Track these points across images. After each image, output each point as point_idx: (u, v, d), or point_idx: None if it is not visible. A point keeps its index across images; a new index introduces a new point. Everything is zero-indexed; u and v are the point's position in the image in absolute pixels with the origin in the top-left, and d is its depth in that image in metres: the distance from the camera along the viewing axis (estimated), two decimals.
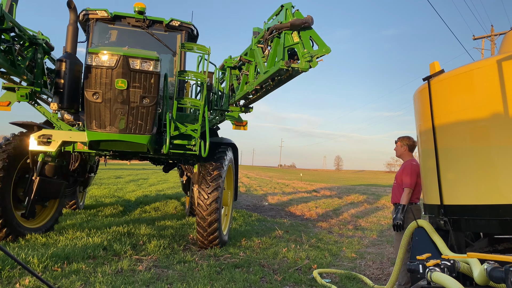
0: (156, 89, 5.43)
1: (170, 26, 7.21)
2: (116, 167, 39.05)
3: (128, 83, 5.24)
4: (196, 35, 7.68)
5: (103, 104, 5.30)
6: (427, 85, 3.42)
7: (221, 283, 4.73)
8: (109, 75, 5.24)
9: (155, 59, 5.36)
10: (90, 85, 5.28)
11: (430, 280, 2.51)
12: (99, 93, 5.26)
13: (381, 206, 15.59)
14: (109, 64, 5.23)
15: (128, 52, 5.29)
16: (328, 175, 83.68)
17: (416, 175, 4.61)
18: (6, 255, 3.05)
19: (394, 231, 4.56)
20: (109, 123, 5.35)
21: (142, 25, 7.09)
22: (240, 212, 11.18)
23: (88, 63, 5.26)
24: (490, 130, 2.92)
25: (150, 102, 5.41)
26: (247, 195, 18.36)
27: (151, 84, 5.38)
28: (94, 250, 5.73)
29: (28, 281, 4.29)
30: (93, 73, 5.25)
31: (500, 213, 2.80)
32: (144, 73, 5.33)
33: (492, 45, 28.43)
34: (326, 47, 5.01)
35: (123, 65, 5.23)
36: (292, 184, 29.62)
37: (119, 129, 5.37)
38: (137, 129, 5.43)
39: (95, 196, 13.16)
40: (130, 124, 5.39)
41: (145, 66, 5.32)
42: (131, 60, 5.27)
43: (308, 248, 7.14)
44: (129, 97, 5.31)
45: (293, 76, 5.57)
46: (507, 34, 3.38)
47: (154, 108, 5.49)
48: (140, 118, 5.43)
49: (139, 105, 5.36)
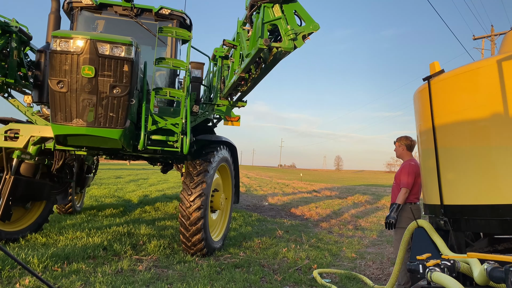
0: (129, 77, 4.90)
1: (160, 15, 6.69)
2: (116, 167, 39.07)
3: (96, 70, 4.72)
4: (189, 24, 7.12)
5: (68, 94, 4.76)
6: (427, 85, 3.42)
7: (221, 283, 4.73)
8: (75, 62, 4.71)
9: (127, 44, 4.85)
10: (54, 72, 4.74)
11: (430, 280, 2.51)
12: (64, 82, 4.74)
13: (381, 206, 15.60)
14: (75, 49, 4.70)
15: (96, 36, 4.81)
16: (328, 175, 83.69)
17: (414, 175, 4.61)
18: (6, 255, 3.05)
19: (386, 228, 4.57)
20: (76, 116, 4.82)
21: (130, 13, 6.57)
22: (240, 212, 11.18)
23: (52, 48, 4.72)
24: (490, 130, 2.92)
25: (121, 92, 4.87)
26: (247, 195, 18.36)
27: (123, 72, 4.85)
28: (94, 250, 5.73)
29: (28, 281, 4.29)
30: (57, 59, 4.72)
31: (500, 213, 2.80)
32: (115, 59, 4.80)
33: (492, 45, 28.44)
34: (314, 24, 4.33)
35: (91, 50, 4.71)
36: (292, 184, 29.62)
37: (87, 122, 4.83)
38: (108, 123, 4.89)
39: (95, 196, 13.15)
40: (99, 116, 4.86)
41: (116, 51, 4.81)
42: (100, 44, 4.75)
43: (308, 248, 7.14)
44: (97, 86, 4.78)
45: (278, 59, 4.89)
46: (507, 34, 3.38)
47: (127, 99, 4.94)
48: (111, 110, 4.87)
49: (109, 95, 4.82)
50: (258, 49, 4.40)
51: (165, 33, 5.77)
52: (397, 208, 4.53)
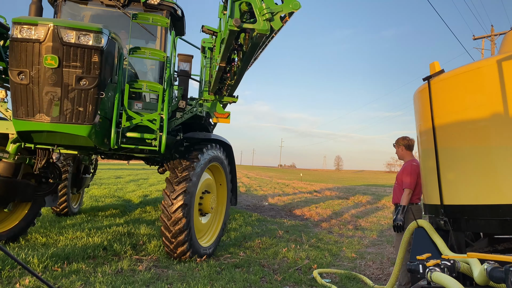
0: (98, 68, 4.51)
1: (149, 5, 6.23)
2: (116, 167, 39.06)
3: (60, 60, 4.34)
4: (180, 15, 6.65)
5: (30, 87, 4.37)
6: (427, 85, 3.43)
7: (221, 283, 4.73)
8: (37, 51, 4.33)
9: (95, 31, 4.47)
10: (14, 63, 4.38)
11: (430, 280, 2.51)
12: (25, 73, 4.35)
13: (381, 206, 15.60)
14: (37, 37, 4.32)
15: (61, 22, 4.42)
16: (328, 175, 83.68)
17: (416, 175, 4.61)
18: (6, 255, 3.05)
19: (394, 232, 4.57)
20: (39, 110, 4.41)
21: (117, 4, 6.12)
22: (240, 212, 11.19)
23: (13, 35, 4.36)
24: (490, 130, 2.92)
25: (89, 85, 4.47)
26: (247, 195, 18.36)
27: (91, 62, 4.46)
28: (94, 250, 5.73)
29: (28, 281, 4.29)
30: (17, 48, 4.34)
31: (500, 213, 2.80)
32: (82, 48, 4.41)
33: (492, 45, 28.43)
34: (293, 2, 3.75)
35: (54, 38, 4.32)
36: (292, 184, 29.62)
37: (52, 117, 4.41)
38: (74, 118, 4.47)
39: (95, 196, 13.15)
40: (65, 111, 4.43)
41: (83, 39, 4.42)
42: (65, 32, 4.35)
43: (308, 248, 7.14)
44: (62, 77, 4.38)
45: (256, 43, 4.18)
46: (507, 34, 3.38)
47: (96, 92, 4.54)
48: (78, 104, 4.46)
49: (75, 87, 4.42)
50: (229, 32, 3.90)
51: (140, 20, 5.31)
52: (402, 209, 4.53)
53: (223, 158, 6.75)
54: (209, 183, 6.63)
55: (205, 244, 6.23)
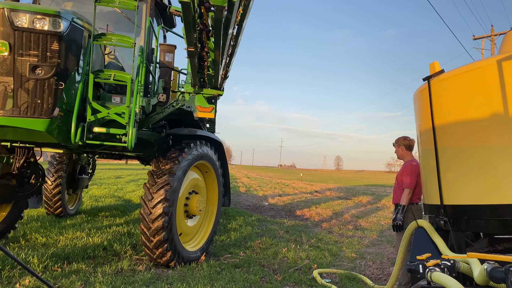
0: (56, 56, 4.14)
1: None
2: (116, 167, 39.07)
3: (10, 46, 3.97)
4: (167, 4, 6.21)
5: None
6: (427, 85, 3.43)
7: (221, 283, 4.73)
8: None
9: (52, 15, 4.09)
10: None
11: (430, 280, 2.51)
12: None
13: (381, 206, 15.60)
14: None
15: (11, 5, 4.05)
16: (328, 175, 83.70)
17: (416, 175, 4.62)
18: (6, 255, 3.05)
19: (394, 231, 4.57)
20: None
21: None
22: (240, 212, 11.18)
23: None
24: (490, 130, 2.92)
25: (45, 74, 4.09)
26: (247, 195, 18.37)
27: (48, 49, 4.08)
28: (94, 250, 5.73)
29: (28, 281, 4.29)
30: None
31: (500, 213, 2.81)
32: (36, 33, 4.04)
33: (492, 45, 28.44)
34: None
35: (3, 22, 3.95)
36: (292, 184, 29.63)
37: (4, 110, 4.02)
38: (30, 111, 4.07)
39: (95, 196, 13.15)
40: (19, 104, 4.04)
41: (38, 24, 4.04)
42: (16, 15, 3.97)
43: (308, 248, 7.14)
44: (14, 66, 4.00)
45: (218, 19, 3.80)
46: (507, 34, 3.38)
47: (54, 82, 4.14)
48: (34, 95, 4.07)
49: (29, 77, 4.04)
50: (182, 4, 3.53)
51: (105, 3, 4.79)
52: (402, 209, 4.53)
53: (212, 155, 6.21)
54: (197, 183, 6.11)
55: (192, 248, 5.83)
